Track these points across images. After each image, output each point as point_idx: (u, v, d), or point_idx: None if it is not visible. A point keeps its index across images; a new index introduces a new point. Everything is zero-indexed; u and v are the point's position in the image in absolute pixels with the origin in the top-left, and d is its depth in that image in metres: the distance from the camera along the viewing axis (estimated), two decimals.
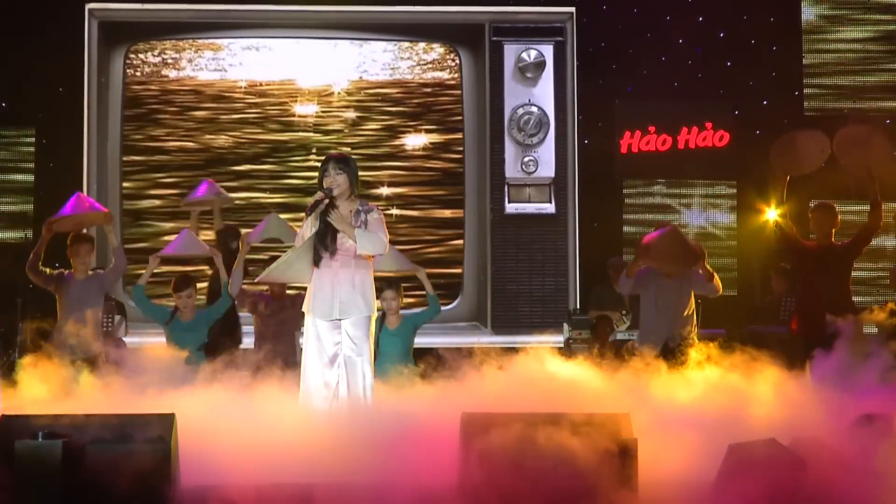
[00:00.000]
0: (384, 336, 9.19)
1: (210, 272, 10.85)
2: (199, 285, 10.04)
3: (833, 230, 9.50)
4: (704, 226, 13.77)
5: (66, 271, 9.43)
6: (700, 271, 9.74)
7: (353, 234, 7.46)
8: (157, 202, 13.50)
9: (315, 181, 7.84)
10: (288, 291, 9.97)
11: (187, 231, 10.22)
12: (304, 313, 9.06)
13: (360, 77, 13.71)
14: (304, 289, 7.94)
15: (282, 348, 9.43)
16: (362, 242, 7.47)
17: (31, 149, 13.17)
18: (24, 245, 12.13)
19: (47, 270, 9.40)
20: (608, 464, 5.96)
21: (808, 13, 13.82)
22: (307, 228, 7.61)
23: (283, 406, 7.69)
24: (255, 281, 8.86)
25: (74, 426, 5.98)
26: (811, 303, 9.37)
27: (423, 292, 9.62)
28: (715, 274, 9.76)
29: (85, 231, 9.85)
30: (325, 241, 7.54)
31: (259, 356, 9.02)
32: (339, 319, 7.56)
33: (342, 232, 7.51)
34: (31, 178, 13.17)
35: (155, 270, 9.81)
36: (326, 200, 7.55)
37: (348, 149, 13.27)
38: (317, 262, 7.57)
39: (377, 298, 8.14)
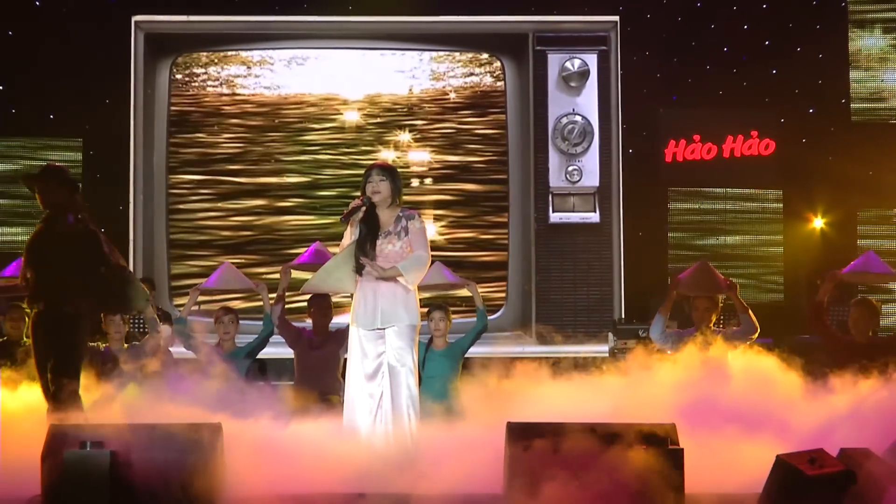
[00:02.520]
0: (431, 359, 9.09)
1: None
2: None
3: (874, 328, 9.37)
4: (751, 235, 13.68)
5: (103, 346, 9.21)
6: (738, 318, 9.45)
7: (397, 274, 7.42)
8: (203, 212, 13.57)
9: (357, 191, 7.82)
10: (330, 327, 9.82)
11: (228, 264, 10.17)
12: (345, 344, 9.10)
13: (405, 87, 13.73)
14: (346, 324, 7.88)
15: (324, 383, 9.35)
16: (409, 275, 7.41)
17: (79, 160, 13.27)
18: None
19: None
20: (654, 474, 5.93)
21: (855, 20, 13.71)
22: (347, 236, 7.61)
23: (328, 418, 7.72)
24: (300, 291, 8.80)
25: (122, 436, 6.01)
26: None
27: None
28: (749, 309, 9.46)
29: None
30: (363, 248, 7.52)
31: (301, 390, 9.01)
32: (382, 329, 7.53)
33: (379, 265, 7.47)
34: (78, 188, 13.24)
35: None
36: (364, 207, 7.53)
37: (391, 158, 13.33)
38: (359, 270, 7.55)
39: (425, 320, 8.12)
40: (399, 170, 7.99)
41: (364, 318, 7.53)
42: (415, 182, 13.47)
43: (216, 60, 13.68)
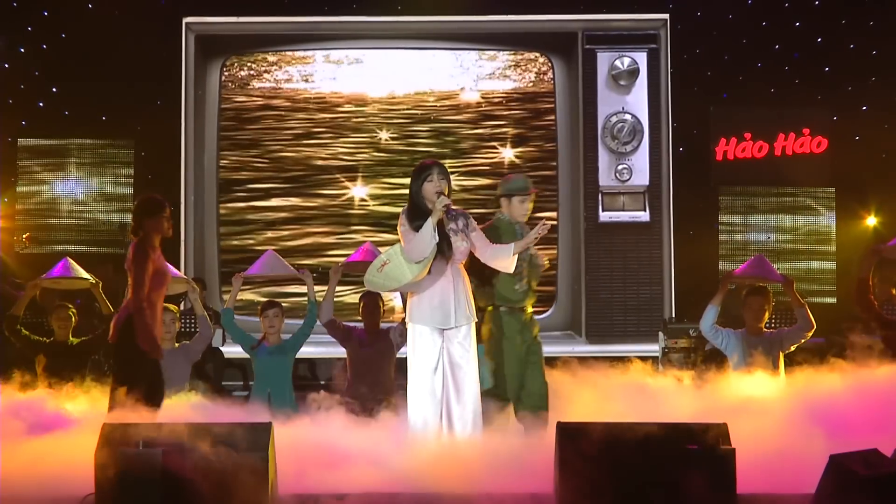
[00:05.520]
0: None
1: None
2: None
3: None
4: (802, 233, 13.58)
5: None
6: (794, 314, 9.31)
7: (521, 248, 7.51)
8: (253, 213, 13.64)
9: (406, 190, 7.70)
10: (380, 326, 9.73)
11: (271, 252, 10.13)
12: (396, 342, 9.08)
13: (454, 86, 13.74)
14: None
15: (378, 381, 9.28)
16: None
17: (131, 161, 13.38)
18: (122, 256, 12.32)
19: (32, 335, 9.16)
20: (705, 475, 5.89)
21: None
22: (428, 238, 7.32)
23: (381, 417, 7.72)
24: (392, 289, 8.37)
25: (174, 435, 6.04)
26: None
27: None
28: (806, 305, 9.28)
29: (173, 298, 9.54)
30: (442, 247, 7.42)
31: (357, 390, 8.99)
32: (455, 327, 7.45)
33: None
34: (129, 189, 13.39)
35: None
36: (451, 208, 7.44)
37: (440, 157, 13.32)
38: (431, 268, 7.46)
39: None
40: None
41: (437, 317, 7.41)
42: (463, 181, 13.45)
43: (266, 61, 13.75)
